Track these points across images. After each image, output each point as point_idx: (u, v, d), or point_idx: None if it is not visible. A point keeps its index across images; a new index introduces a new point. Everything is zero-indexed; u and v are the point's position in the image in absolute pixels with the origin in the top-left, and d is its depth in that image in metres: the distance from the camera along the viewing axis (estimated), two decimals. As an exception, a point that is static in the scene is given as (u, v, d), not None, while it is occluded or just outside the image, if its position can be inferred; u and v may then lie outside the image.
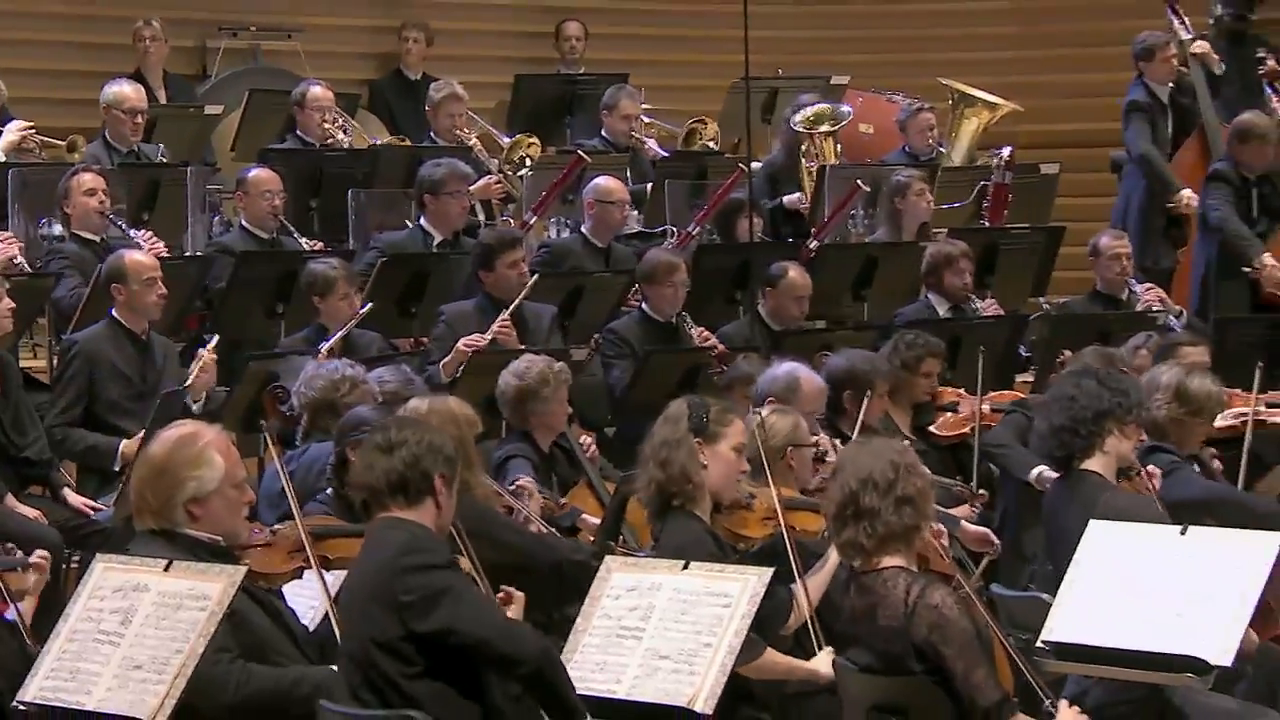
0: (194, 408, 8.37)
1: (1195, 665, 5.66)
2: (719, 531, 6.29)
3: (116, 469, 8.44)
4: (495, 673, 5.31)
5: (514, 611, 5.72)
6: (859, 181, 11.32)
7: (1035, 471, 8.17)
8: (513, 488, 7.29)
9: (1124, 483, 6.77)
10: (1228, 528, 7.26)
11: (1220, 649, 5.64)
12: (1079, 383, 6.75)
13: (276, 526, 6.01)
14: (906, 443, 7.49)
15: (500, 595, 5.76)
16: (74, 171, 9.95)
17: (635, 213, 11.52)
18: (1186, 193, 11.89)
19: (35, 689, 5.31)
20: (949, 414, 9.08)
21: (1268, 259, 11.22)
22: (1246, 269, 11.22)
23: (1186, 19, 12.76)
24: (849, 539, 5.59)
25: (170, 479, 5.50)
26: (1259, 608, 5.89)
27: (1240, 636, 5.68)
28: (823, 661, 5.92)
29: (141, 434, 8.04)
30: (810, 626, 5.96)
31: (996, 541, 8.10)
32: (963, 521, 8.09)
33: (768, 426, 6.73)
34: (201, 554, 5.43)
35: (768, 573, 5.61)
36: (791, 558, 6.14)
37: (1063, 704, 5.69)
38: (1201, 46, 12.48)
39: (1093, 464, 6.66)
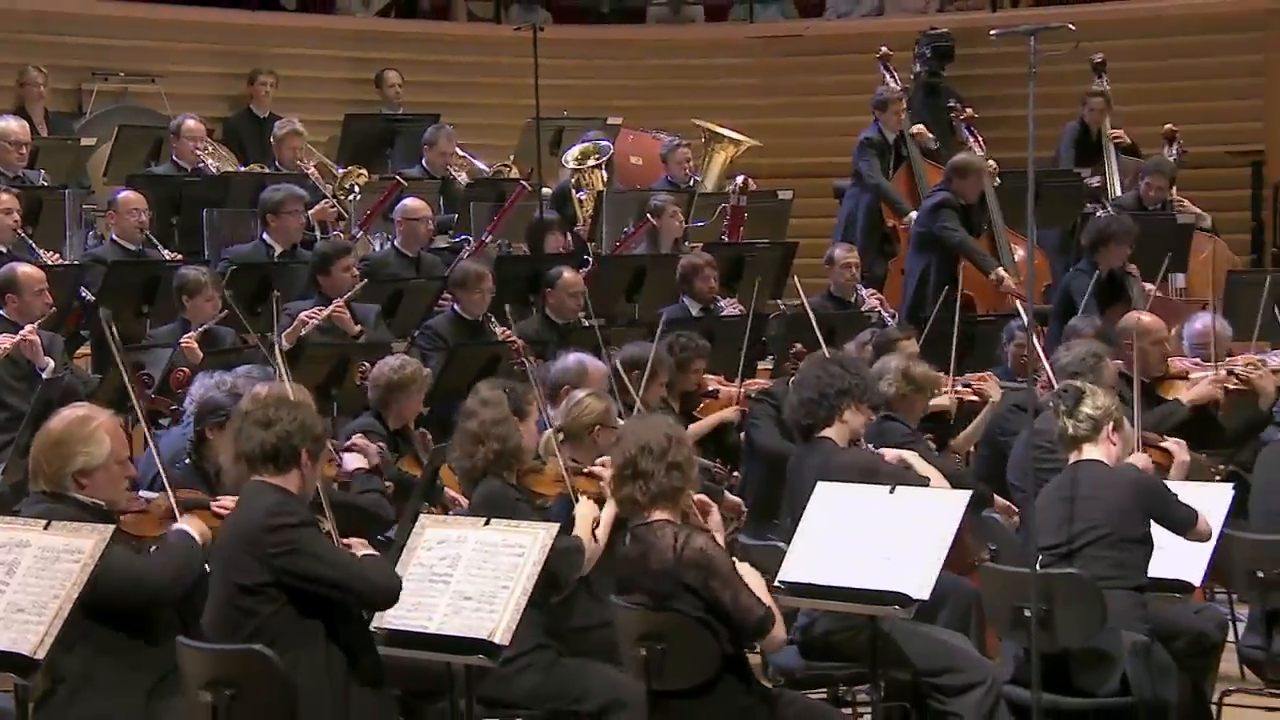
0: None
1: (900, 599, 5.77)
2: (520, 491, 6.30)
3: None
4: (355, 606, 5.31)
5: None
6: (649, 216, 11.36)
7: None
8: (348, 442, 7.23)
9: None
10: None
11: (920, 585, 5.74)
12: (825, 366, 6.82)
13: (150, 495, 5.93)
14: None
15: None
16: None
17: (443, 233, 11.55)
18: (913, 214, 12.08)
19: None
20: (709, 399, 9.15)
21: (1004, 273, 11.38)
22: (989, 277, 11.38)
23: (896, 74, 12.96)
24: (627, 495, 5.61)
25: (64, 450, 5.46)
26: (956, 549, 6.02)
27: (935, 575, 5.79)
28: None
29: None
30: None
31: (744, 510, 8.16)
32: (725, 492, 8.16)
33: (584, 406, 6.75)
34: (85, 515, 5.38)
35: (554, 527, 5.62)
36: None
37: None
38: (919, 130, 12.64)
39: (831, 433, 6.71)
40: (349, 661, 5.28)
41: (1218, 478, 7.49)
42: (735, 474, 8.68)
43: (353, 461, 7.15)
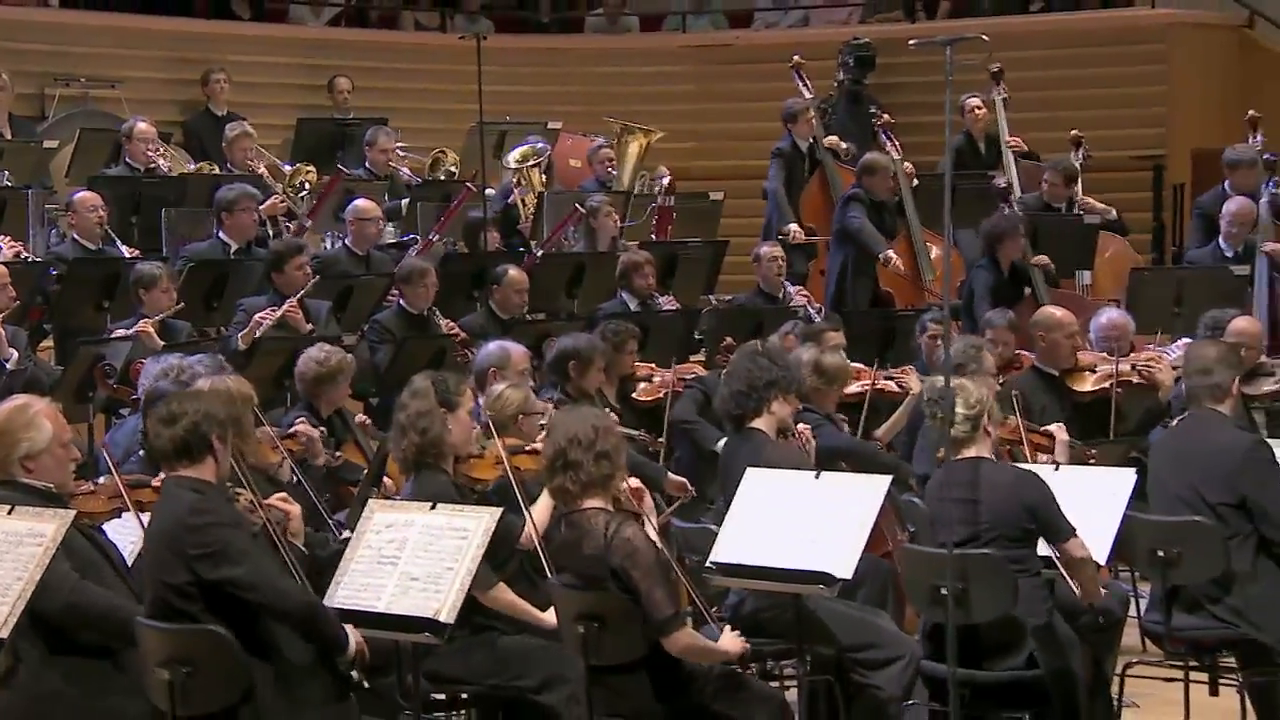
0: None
1: (824, 578, 5.77)
2: (459, 479, 6.23)
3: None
4: (267, 617, 5.20)
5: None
6: (577, 205, 11.36)
7: (720, 443, 8.28)
8: (290, 430, 7.17)
9: (783, 439, 6.85)
10: (855, 469, 7.49)
11: (843, 565, 5.75)
12: (754, 359, 6.80)
13: (99, 479, 5.88)
14: (608, 409, 7.56)
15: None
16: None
17: (390, 227, 11.49)
18: (793, 227, 12.09)
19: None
20: (645, 383, 9.17)
21: (891, 254, 11.45)
22: (878, 258, 11.42)
23: (810, 82, 12.97)
24: (559, 485, 5.59)
25: (7, 439, 5.39)
26: (875, 532, 6.04)
27: (858, 556, 5.81)
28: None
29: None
30: (541, 552, 5.95)
31: (691, 489, 8.16)
32: (668, 473, 8.17)
33: (504, 398, 6.71)
34: (35, 499, 5.32)
35: (497, 512, 5.60)
36: (518, 493, 6.11)
37: (726, 629, 5.69)
38: (832, 142, 12.67)
39: (760, 423, 6.70)
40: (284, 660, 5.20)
41: (1091, 461, 7.55)
42: (660, 440, 8.66)
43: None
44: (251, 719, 5.13)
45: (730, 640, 5.59)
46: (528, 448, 6.46)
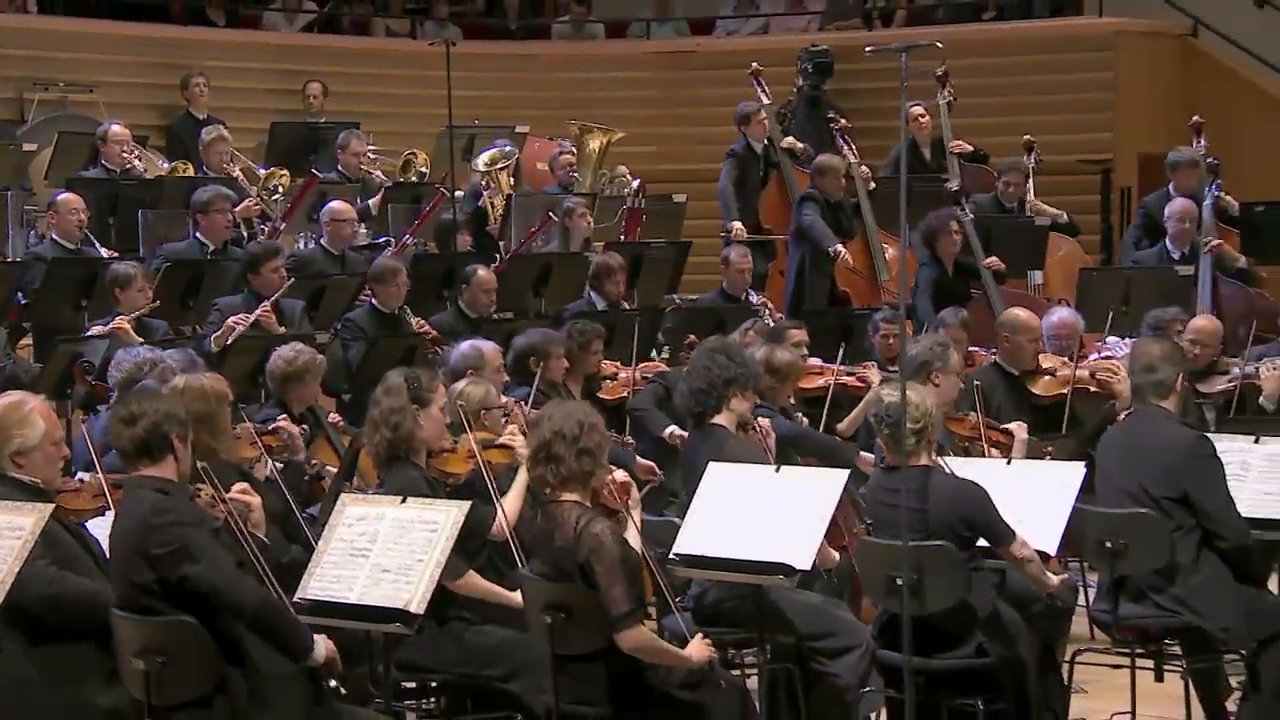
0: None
1: (784, 569, 5.78)
2: (431, 473, 6.22)
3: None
4: (227, 614, 5.15)
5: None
6: (550, 213, 11.36)
7: (667, 430, 8.31)
8: (271, 427, 7.14)
9: (743, 434, 6.85)
10: (810, 457, 7.51)
11: (802, 557, 5.76)
12: (713, 357, 6.80)
13: (84, 476, 5.85)
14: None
15: None
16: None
17: (364, 229, 11.47)
18: (736, 225, 12.08)
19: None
20: (609, 381, 9.15)
21: (841, 248, 11.46)
22: (828, 252, 11.41)
23: (767, 88, 12.99)
24: (539, 475, 5.58)
25: (1, 434, 5.38)
26: (831, 526, 6.05)
27: (816, 548, 5.82)
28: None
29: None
30: (511, 542, 5.94)
31: (660, 472, 8.16)
32: (636, 457, 8.16)
33: (464, 394, 6.68)
34: (22, 494, 5.30)
35: (466, 505, 5.60)
36: (490, 485, 6.11)
37: (696, 637, 5.62)
38: (789, 143, 12.67)
39: (721, 419, 6.69)
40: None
41: (1047, 456, 7.58)
42: (628, 440, 8.63)
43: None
44: (225, 709, 5.11)
45: (697, 647, 5.53)
46: (497, 442, 6.45)
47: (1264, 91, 14.44)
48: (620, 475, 5.84)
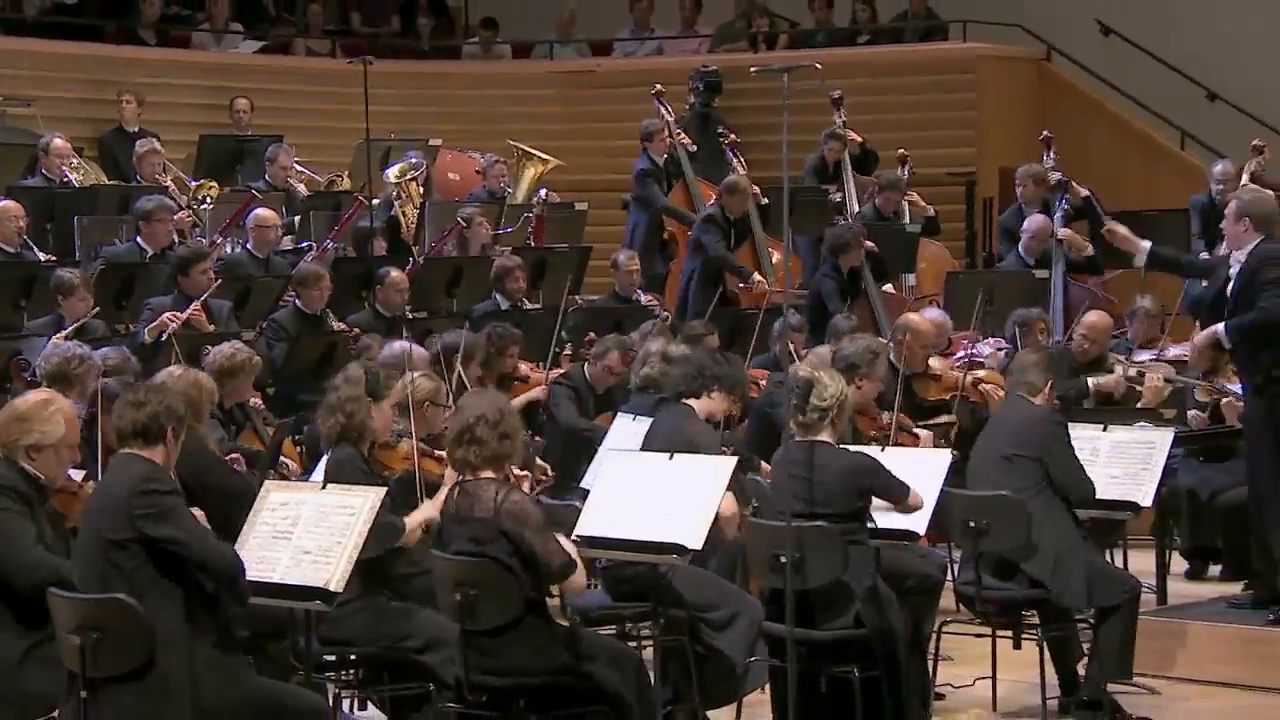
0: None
1: (677, 549, 5.80)
2: (373, 464, 6.21)
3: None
4: (200, 573, 5.17)
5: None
6: (460, 219, 11.28)
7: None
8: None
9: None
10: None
11: (693, 537, 5.77)
12: (713, 355, 6.92)
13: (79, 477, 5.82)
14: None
15: None
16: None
17: (288, 236, 11.39)
18: (756, 276, 11.96)
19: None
20: (519, 382, 9.13)
21: (756, 276, 11.44)
22: (742, 285, 11.40)
23: (669, 106, 13.03)
24: (461, 457, 5.55)
25: (24, 425, 5.43)
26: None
27: (707, 528, 5.83)
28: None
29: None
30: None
31: (551, 472, 8.15)
32: (536, 457, 8.14)
33: (417, 385, 6.65)
34: (24, 483, 5.38)
35: (382, 490, 5.58)
36: (419, 487, 6.12)
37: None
38: (683, 138, 12.70)
39: (695, 404, 6.66)
40: (202, 618, 5.16)
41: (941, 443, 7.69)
42: (537, 438, 8.66)
43: None
44: (159, 682, 5.04)
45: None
46: (436, 452, 6.42)
47: (1110, 111, 14.71)
48: (539, 462, 5.85)
